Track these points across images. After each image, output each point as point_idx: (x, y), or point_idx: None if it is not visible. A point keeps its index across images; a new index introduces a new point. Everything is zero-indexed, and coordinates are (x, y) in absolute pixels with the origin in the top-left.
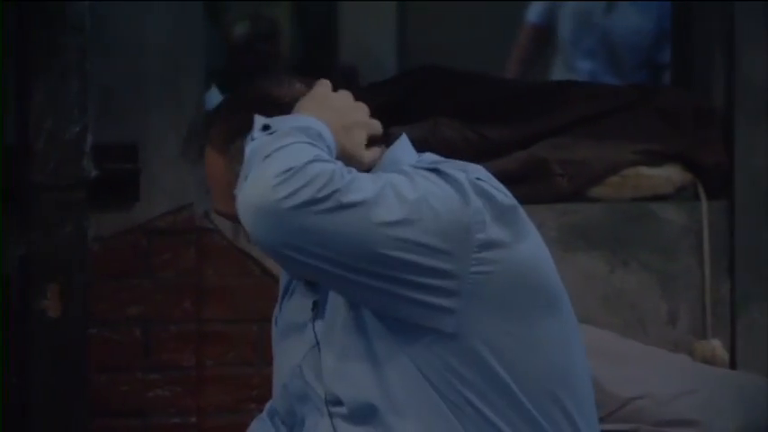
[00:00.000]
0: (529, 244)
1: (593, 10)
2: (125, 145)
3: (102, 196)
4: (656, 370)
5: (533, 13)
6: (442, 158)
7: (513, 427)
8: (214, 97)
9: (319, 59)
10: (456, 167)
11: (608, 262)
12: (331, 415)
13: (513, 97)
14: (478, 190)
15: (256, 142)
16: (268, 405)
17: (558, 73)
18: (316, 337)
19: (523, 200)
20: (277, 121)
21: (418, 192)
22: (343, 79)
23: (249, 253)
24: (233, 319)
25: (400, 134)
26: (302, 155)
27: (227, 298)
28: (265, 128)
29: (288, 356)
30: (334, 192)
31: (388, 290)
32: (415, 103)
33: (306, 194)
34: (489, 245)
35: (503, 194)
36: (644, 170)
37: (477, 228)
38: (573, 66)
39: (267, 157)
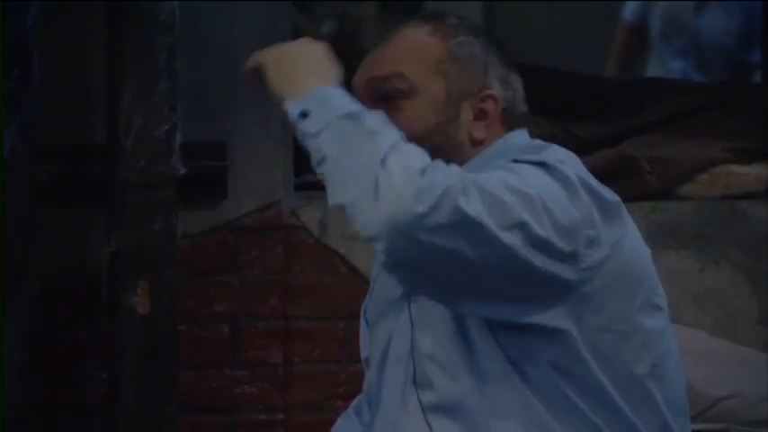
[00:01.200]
0: (632, 240)
1: (682, 9)
2: (213, 143)
3: (191, 194)
4: (747, 369)
5: (629, 11)
6: (544, 144)
7: (609, 426)
8: None
9: None
10: (558, 158)
11: (698, 260)
12: (420, 400)
13: (601, 94)
14: (586, 186)
15: (334, 132)
16: (355, 401)
17: (653, 72)
18: (411, 318)
19: None
20: (324, 108)
21: (531, 190)
22: None
23: (336, 250)
24: (320, 317)
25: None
26: (414, 159)
27: (314, 295)
28: (303, 114)
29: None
30: (456, 206)
31: (507, 293)
32: None
33: (442, 215)
34: (597, 242)
35: (606, 190)
36: (733, 168)
37: (586, 225)
38: (665, 65)
39: (382, 160)
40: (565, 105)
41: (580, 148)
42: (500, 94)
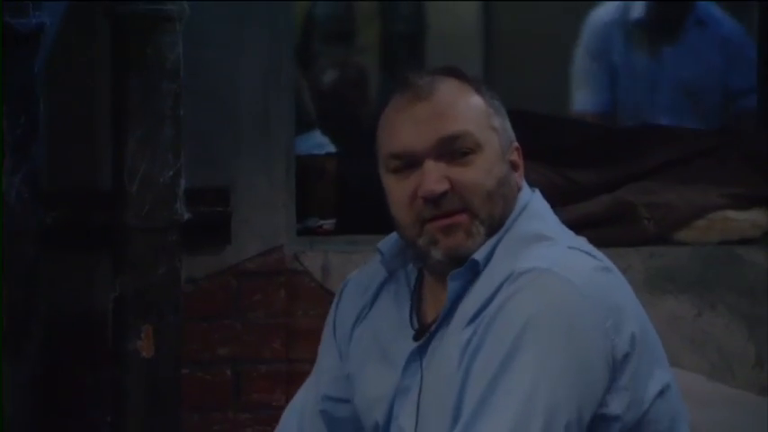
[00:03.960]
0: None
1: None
2: (217, 189)
3: (195, 239)
4: (745, 413)
5: (591, 102)
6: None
7: None
8: (317, 138)
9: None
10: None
11: (695, 305)
12: None
13: (599, 141)
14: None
15: None
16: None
17: None
18: (418, 405)
19: (610, 243)
20: None
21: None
22: None
23: None
24: None
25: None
26: None
27: (316, 339)
28: None
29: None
30: None
31: None
32: None
33: None
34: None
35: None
36: (730, 214)
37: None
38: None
39: None
40: (564, 152)
41: (578, 193)
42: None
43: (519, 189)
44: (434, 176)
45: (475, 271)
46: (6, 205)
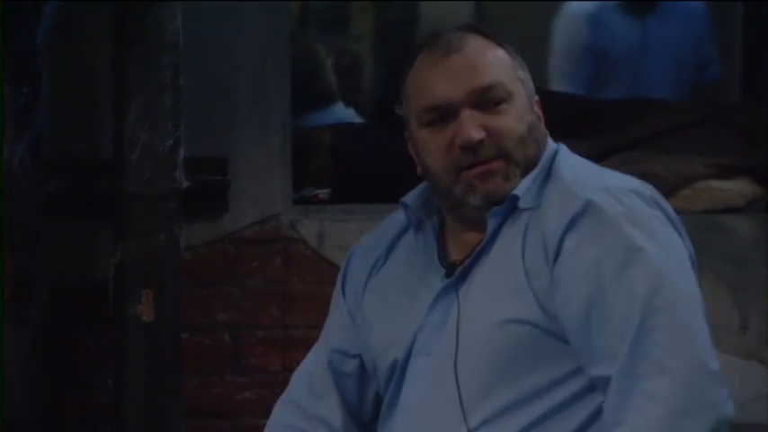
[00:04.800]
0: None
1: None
2: (215, 158)
3: (194, 207)
4: (729, 376)
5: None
6: (620, 175)
7: None
8: (341, 111)
9: (399, 94)
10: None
11: None
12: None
13: (588, 113)
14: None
15: None
16: (293, 388)
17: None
18: (458, 320)
19: None
20: None
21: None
22: None
23: (332, 261)
24: (317, 326)
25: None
26: None
27: (312, 305)
28: None
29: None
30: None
31: None
32: None
33: None
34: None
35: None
36: (715, 183)
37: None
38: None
39: None
40: (553, 124)
41: None
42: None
43: (546, 135)
44: (472, 125)
45: (513, 206)
46: (9, 173)
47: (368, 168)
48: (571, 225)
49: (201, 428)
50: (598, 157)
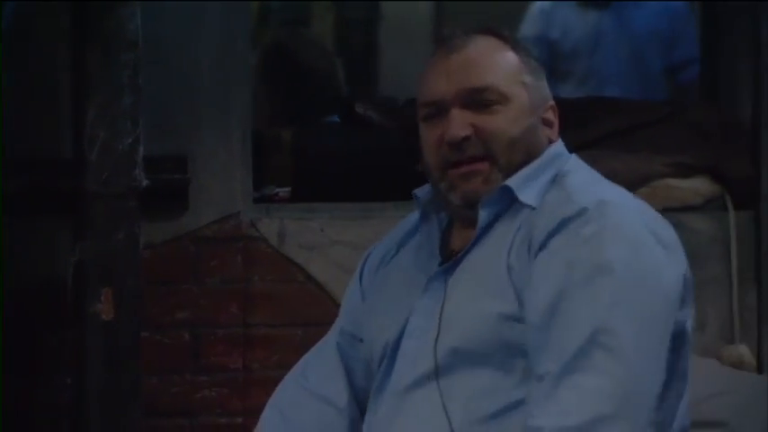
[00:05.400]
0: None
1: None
2: (175, 156)
3: (153, 205)
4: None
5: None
6: (597, 175)
7: None
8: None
9: (360, 89)
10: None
11: None
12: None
13: None
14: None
15: None
16: (300, 368)
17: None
18: (444, 300)
19: None
20: None
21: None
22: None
23: (293, 260)
24: (278, 324)
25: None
26: None
27: (272, 303)
28: None
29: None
30: None
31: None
32: None
33: None
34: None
35: (665, 227)
36: (673, 182)
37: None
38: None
39: None
40: None
41: None
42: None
43: (549, 142)
44: (458, 122)
45: (509, 198)
46: None
47: (328, 167)
48: (559, 228)
49: (161, 427)
50: None
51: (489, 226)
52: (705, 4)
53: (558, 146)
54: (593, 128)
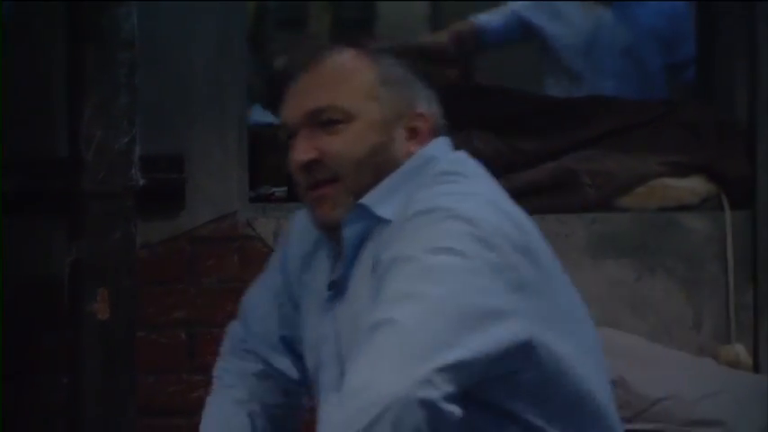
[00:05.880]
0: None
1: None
2: (172, 156)
3: (150, 205)
4: (683, 372)
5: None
6: (459, 167)
7: None
8: (258, 114)
9: None
10: (472, 190)
11: (635, 269)
12: None
13: (544, 111)
14: (500, 233)
15: None
16: (223, 375)
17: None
18: (335, 328)
19: (553, 209)
20: None
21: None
22: None
23: None
24: None
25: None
26: None
27: None
28: None
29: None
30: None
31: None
32: (449, 117)
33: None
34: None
35: (517, 220)
36: (670, 181)
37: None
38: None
39: None
40: (509, 121)
41: (523, 161)
42: (428, 112)
43: (409, 155)
44: (301, 147)
45: (371, 216)
46: None
47: None
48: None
49: (157, 426)
50: (554, 154)
51: (360, 246)
52: (701, 3)
53: (426, 154)
54: (590, 127)
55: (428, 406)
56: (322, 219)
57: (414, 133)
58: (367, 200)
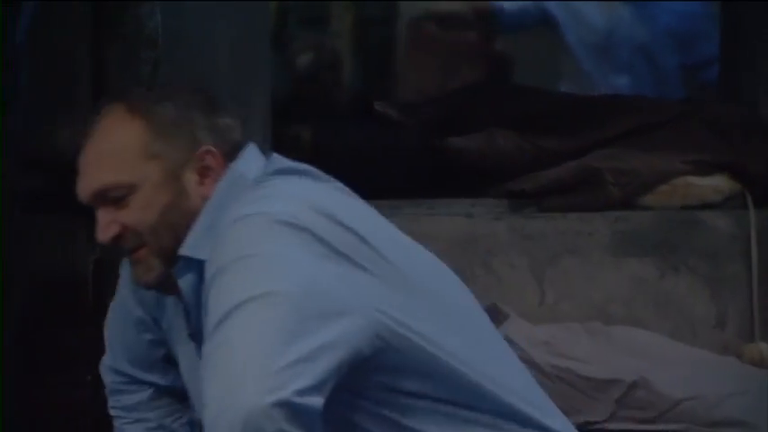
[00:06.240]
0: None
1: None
2: None
3: None
4: (706, 372)
5: None
6: (271, 189)
7: None
8: None
9: (377, 89)
10: (286, 212)
11: (658, 268)
12: None
13: (567, 109)
14: (322, 231)
15: None
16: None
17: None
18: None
19: (577, 208)
20: None
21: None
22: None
23: None
24: None
25: (246, 144)
26: None
27: None
28: None
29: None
30: None
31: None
32: (472, 116)
33: None
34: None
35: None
36: (693, 179)
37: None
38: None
39: None
40: (533, 120)
41: (546, 159)
42: (214, 144)
43: (205, 198)
44: (101, 225)
45: (195, 263)
46: None
47: (349, 164)
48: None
49: None
50: (577, 153)
51: (200, 292)
52: (725, 3)
53: (230, 177)
54: (613, 126)
55: (282, 405)
56: (138, 282)
57: (206, 171)
58: (184, 250)
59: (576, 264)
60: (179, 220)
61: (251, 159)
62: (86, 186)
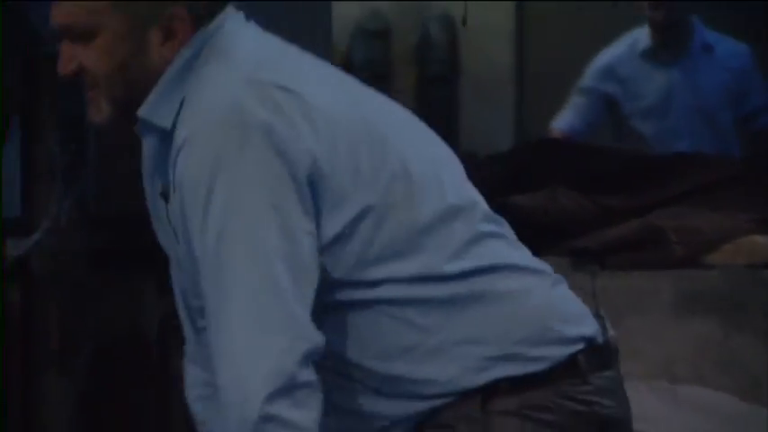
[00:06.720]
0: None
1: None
2: None
3: None
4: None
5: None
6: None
7: None
8: None
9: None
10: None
11: (722, 327)
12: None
13: (629, 168)
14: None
15: None
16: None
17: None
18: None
19: (640, 266)
20: None
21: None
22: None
23: None
24: None
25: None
26: None
27: None
28: None
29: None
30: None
31: None
32: (534, 173)
33: None
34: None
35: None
36: (757, 238)
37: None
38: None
39: None
40: (595, 179)
41: (609, 218)
42: (187, 6)
43: (165, 60)
44: (63, 57)
45: (157, 125)
46: (57, 228)
47: None
48: (174, 162)
49: None
50: (640, 211)
51: (164, 154)
52: None
53: (189, 52)
54: (676, 184)
55: (281, 392)
56: (91, 119)
57: (171, 34)
58: (143, 111)
59: (640, 322)
60: (136, 76)
61: (227, 27)
62: (54, 15)
